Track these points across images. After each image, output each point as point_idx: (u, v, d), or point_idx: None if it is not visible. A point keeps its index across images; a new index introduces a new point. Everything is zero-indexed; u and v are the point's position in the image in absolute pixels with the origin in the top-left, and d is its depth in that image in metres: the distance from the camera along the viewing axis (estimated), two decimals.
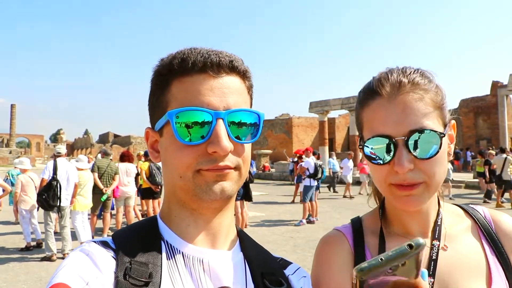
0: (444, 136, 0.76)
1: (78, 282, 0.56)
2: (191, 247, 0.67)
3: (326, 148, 23.97)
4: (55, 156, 7.21)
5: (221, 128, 0.63)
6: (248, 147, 0.70)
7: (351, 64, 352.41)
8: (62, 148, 7.44)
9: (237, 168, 0.67)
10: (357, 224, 0.91)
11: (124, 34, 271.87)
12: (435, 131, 0.74)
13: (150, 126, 0.74)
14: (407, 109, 0.74)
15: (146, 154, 9.90)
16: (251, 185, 8.71)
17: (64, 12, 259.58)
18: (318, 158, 10.75)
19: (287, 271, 0.77)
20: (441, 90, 0.80)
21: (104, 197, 7.93)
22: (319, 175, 10.11)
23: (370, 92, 0.80)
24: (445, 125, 0.79)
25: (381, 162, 0.76)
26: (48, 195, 6.51)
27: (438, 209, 0.86)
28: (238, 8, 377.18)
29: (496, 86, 25.56)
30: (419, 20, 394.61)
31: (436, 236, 0.83)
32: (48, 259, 6.50)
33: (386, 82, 0.78)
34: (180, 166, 0.65)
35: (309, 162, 10.12)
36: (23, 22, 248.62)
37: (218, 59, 0.66)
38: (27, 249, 7.19)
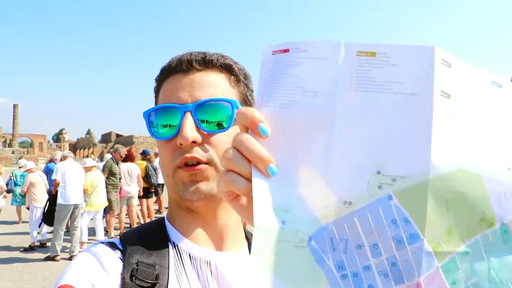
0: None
1: (84, 283, 0.56)
2: (198, 249, 0.67)
3: None
4: (62, 158, 7.30)
5: (187, 120, 0.64)
6: (222, 138, 0.65)
7: None
8: (68, 152, 7.80)
9: (210, 163, 0.65)
10: None
11: (126, 34, 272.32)
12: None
13: None
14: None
15: (143, 153, 9.59)
16: None
17: (65, 12, 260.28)
18: None
19: None
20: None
21: None
22: None
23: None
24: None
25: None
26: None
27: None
28: (239, 7, 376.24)
29: None
30: (420, 19, 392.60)
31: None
32: (52, 259, 6.51)
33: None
34: (164, 164, 0.68)
35: None
36: (24, 21, 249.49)
37: (189, 57, 0.68)
38: (31, 248, 7.21)
